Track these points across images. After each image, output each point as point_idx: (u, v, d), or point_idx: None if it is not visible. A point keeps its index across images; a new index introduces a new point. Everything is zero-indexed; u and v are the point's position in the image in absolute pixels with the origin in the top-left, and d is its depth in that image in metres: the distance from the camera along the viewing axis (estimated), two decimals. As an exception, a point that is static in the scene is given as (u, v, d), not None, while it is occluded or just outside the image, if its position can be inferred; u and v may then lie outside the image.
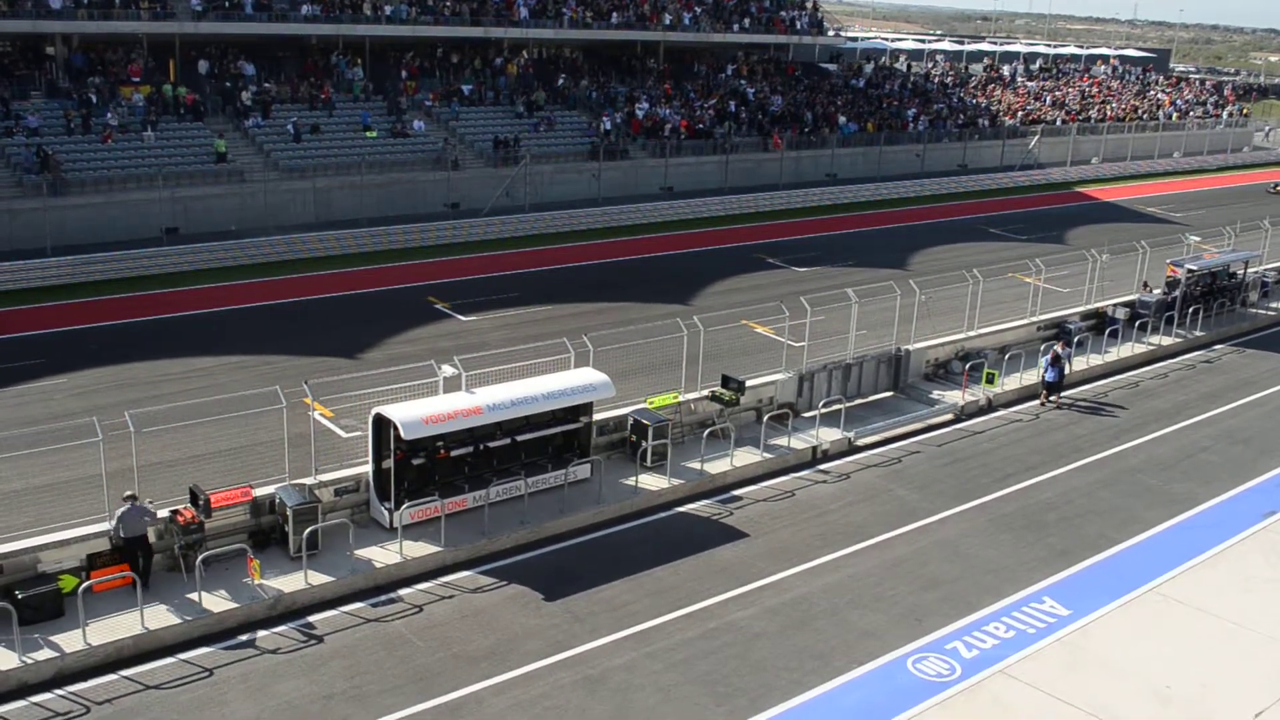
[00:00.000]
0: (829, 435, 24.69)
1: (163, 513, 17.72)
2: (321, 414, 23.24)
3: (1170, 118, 79.42)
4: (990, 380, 27.53)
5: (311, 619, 17.27)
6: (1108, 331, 31.89)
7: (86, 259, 35.03)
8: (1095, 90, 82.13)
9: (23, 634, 15.63)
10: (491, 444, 20.73)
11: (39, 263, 34.43)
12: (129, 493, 17.29)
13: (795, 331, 26.77)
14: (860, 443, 24.95)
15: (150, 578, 17.26)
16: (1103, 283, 33.81)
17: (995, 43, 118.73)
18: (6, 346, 28.84)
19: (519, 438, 20.99)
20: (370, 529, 19.56)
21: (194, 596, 16.93)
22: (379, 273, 37.68)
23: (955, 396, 27.48)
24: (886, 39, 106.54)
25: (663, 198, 49.76)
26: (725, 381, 24.29)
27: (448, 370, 20.66)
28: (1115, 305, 33.26)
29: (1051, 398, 28.03)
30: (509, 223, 43.79)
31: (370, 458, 19.71)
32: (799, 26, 65.74)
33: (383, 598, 17.98)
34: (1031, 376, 28.66)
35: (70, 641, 15.91)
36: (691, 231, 46.37)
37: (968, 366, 28.06)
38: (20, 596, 16.10)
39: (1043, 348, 29.16)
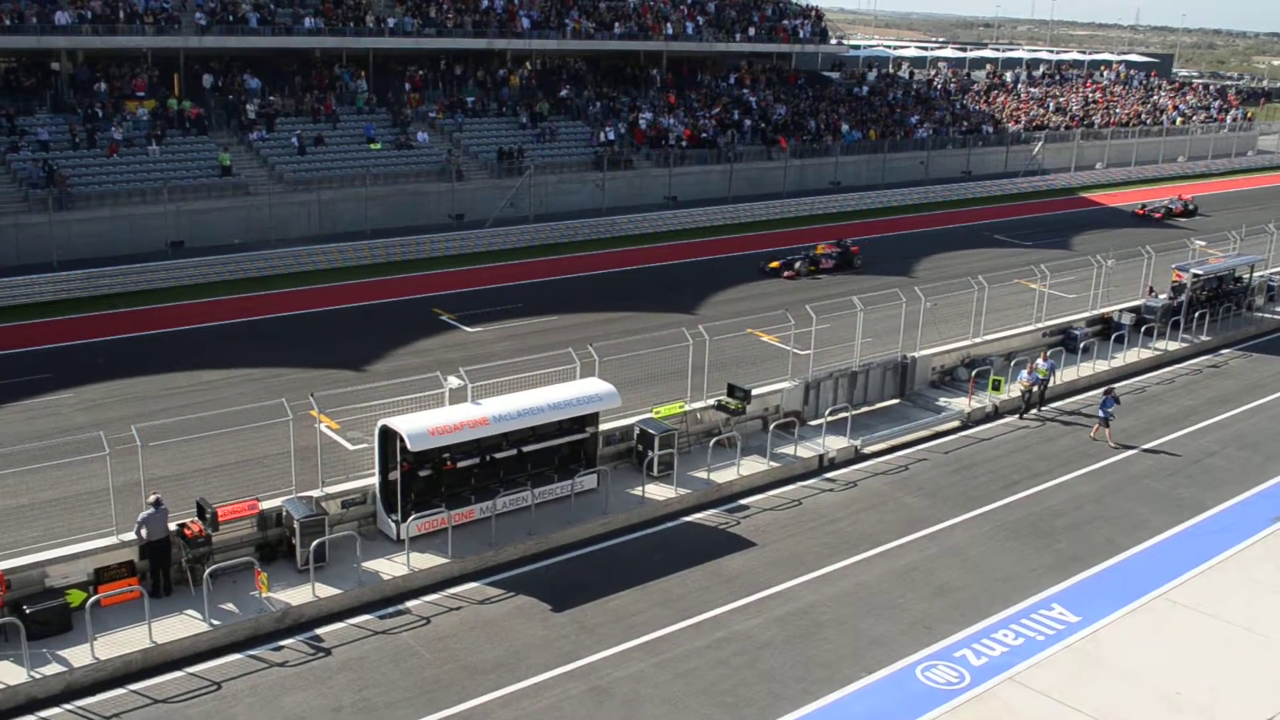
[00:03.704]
0: (835, 443, 24.66)
1: (171, 526, 17.74)
2: (328, 426, 23.32)
3: (1174, 122, 79.35)
4: (996, 387, 27.50)
5: (319, 631, 17.28)
6: (1114, 337, 31.84)
7: (92, 273, 35.12)
8: (1099, 96, 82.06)
9: (31, 649, 15.64)
10: (498, 455, 20.72)
11: (45, 277, 34.54)
12: (154, 496, 17.42)
13: (801, 339, 26.78)
14: (867, 450, 24.92)
15: (169, 585, 17.45)
16: (1108, 288, 33.77)
17: (998, 49, 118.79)
18: (14, 361, 28.91)
19: (525, 448, 20.98)
20: (377, 541, 19.56)
21: (202, 610, 16.94)
22: (384, 284, 37.73)
23: (961, 403, 27.44)
24: (889, 46, 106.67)
25: (667, 207, 49.80)
26: (731, 390, 24.26)
27: (453, 381, 20.69)
28: (1121, 310, 33.23)
29: (1031, 411, 27.62)
30: (513, 233, 43.85)
31: (377, 469, 19.71)
32: (801, 35, 65.82)
33: (390, 610, 17.98)
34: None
35: (78, 656, 15.93)
36: (696, 240, 46.39)
37: (974, 373, 28.01)
38: (28, 611, 16.12)
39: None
